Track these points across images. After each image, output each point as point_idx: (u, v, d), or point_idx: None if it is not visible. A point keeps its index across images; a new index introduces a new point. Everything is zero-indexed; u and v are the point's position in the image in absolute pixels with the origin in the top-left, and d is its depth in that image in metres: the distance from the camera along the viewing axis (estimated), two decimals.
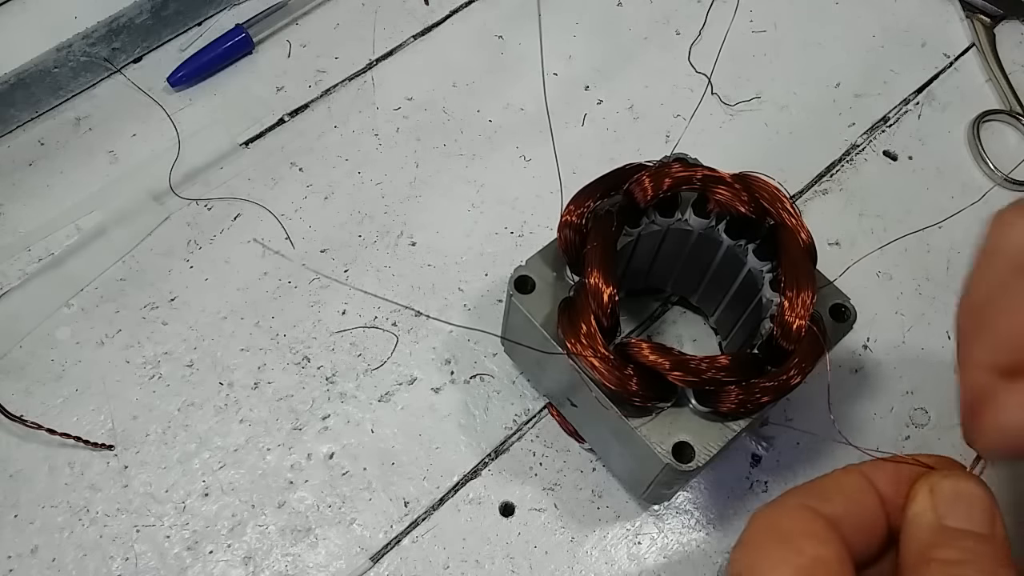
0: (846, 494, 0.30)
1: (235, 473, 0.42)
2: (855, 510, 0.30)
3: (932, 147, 0.55)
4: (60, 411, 0.43)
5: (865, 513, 0.30)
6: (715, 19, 0.58)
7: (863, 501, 0.30)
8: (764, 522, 0.30)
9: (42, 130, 0.51)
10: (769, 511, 0.30)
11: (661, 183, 0.39)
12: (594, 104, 0.55)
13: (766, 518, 0.30)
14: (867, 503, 0.30)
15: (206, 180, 0.50)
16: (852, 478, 0.31)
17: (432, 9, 0.57)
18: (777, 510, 0.30)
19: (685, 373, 0.35)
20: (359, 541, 0.41)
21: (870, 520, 0.30)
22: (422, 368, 0.45)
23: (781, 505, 0.30)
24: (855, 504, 0.30)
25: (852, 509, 0.30)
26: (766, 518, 0.30)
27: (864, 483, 0.30)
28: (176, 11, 0.53)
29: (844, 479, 0.31)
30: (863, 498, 0.30)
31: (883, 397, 0.47)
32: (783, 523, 0.29)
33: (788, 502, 0.30)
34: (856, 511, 0.30)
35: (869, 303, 0.47)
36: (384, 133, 0.52)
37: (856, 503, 0.30)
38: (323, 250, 0.48)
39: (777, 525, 0.29)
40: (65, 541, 0.40)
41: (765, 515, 0.30)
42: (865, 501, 0.30)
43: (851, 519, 0.29)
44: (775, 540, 0.29)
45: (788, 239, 0.38)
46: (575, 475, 0.43)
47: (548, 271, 0.39)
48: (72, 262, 0.47)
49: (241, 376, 0.45)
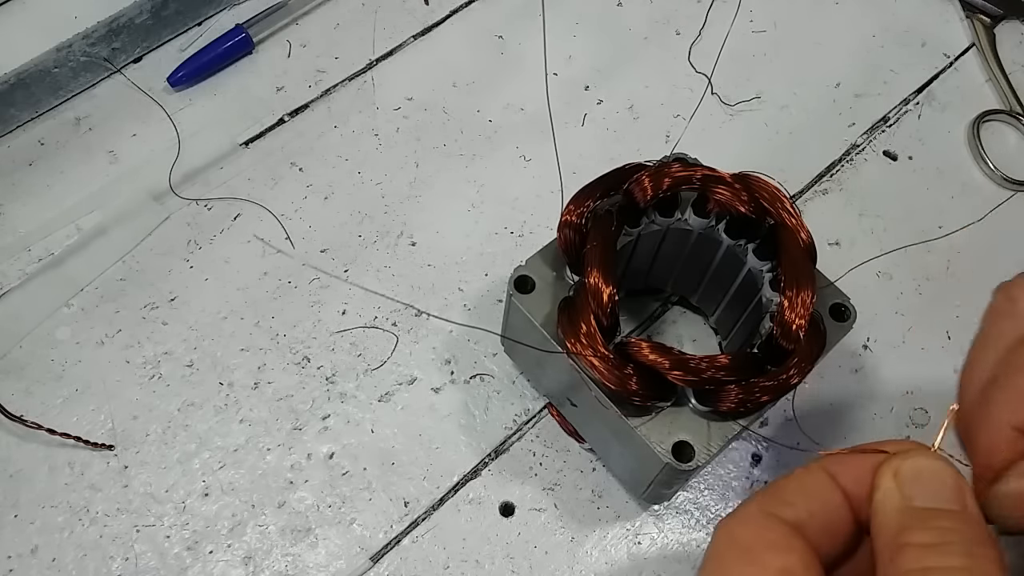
0: (809, 494, 0.29)
1: (235, 473, 0.42)
2: (820, 510, 0.29)
3: (932, 147, 0.55)
4: (60, 411, 0.43)
5: (830, 511, 0.29)
6: (715, 19, 0.58)
7: (827, 499, 0.29)
8: (725, 536, 0.29)
9: (42, 130, 0.51)
10: (730, 523, 0.29)
11: (661, 183, 0.39)
12: (594, 104, 0.55)
13: (727, 531, 0.29)
14: (831, 501, 0.29)
15: (206, 180, 0.50)
16: (814, 476, 0.30)
17: (432, 9, 0.57)
18: (737, 521, 0.29)
19: (685, 372, 0.35)
20: (359, 541, 0.41)
21: (836, 518, 0.29)
22: (422, 368, 0.45)
23: (742, 515, 0.29)
24: (819, 503, 0.29)
25: (816, 509, 0.29)
26: (727, 531, 0.29)
27: (826, 480, 0.29)
28: (176, 11, 0.53)
29: (806, 478, 0.30)
30: (827, 496, 0.29)
31: (883, 397, 0.47)
32: (744, 535, 0.28)
33: (749, 510, 0.29)
34: (821, 511, 0.29)
35: (869, 303, 0.47)
36: (384, 133, 0.52)
37: (820, 502, 0.29)
38: (323, 250, 0.48)
39: (738, 538, 0.28)
40: (65, 541, 0.40)
41: (726, 527, 0.29)
42: (829, 499, 0.29)
43: (816, 520, 0.29)
44: (737, 555, 0.28)
45: (788, 239, 0.38)
46: (575, 475, 0.43)
47: (548, 271, 0.39)
48: (72, 262, 0.47)
49: (241, 376, 0.45)
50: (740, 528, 0.29)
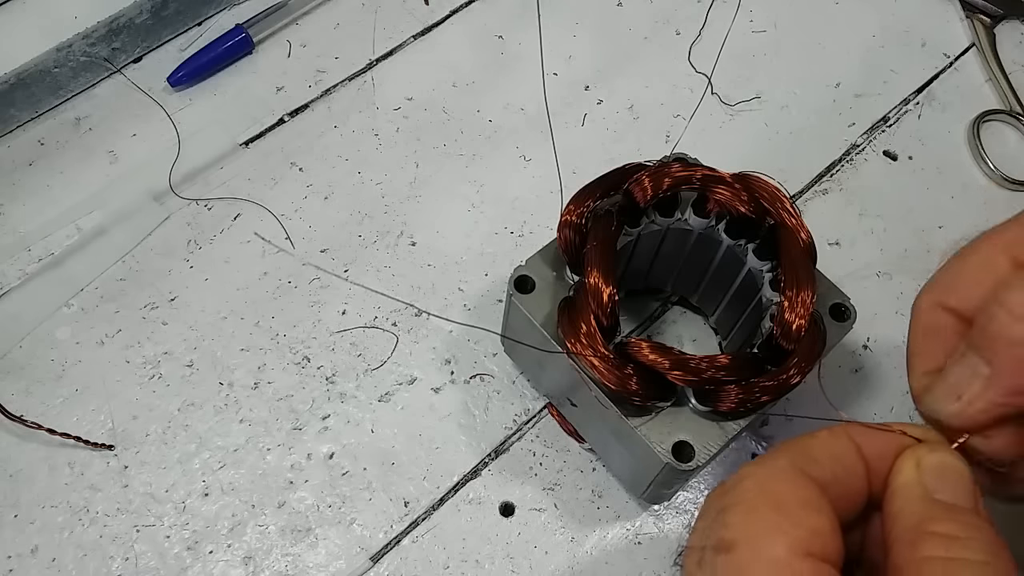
0: (835, 457, 0.29)
1: (235, 473, 0.42)
2: (843, 475, 0.29)
3: (932, 147, 0.55)
4: (60, 411, 0.43)
5: (851, 479, 0.29)
6: (715, 19, 0.58)
7: (851, 466, 0.29)
8: (755, 486, 0.28)
9: (42, 130, 0.51)
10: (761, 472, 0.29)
11: (661, 183, 0.39)
12: (594, 104, 0.55)
13: (759, 481, 0.28)
14: (854, 469, 0.29)
15: (206, 180, 0.50)
16: (841, 442, 0.29)
17: (432, 9, 0.57)
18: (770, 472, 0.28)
19: (685, 372, 0.35)
20: (359, 541, 0.41)
21: (855, 487, 0.29)
22: (422, 368, 0.45)
23: (773, 467, 0.29)
24: (843, 469, 0.29)
25: (840, 474, 0.29)
26: (759, 481, 0.28)
27: (852, 448, 0.29)
28: (176, 11, 0.53)
29: (832, 442, 0.29)
30: (851, 463, 0.29)
31: (883, 397, 0.47)
32: (778, 488, 0.28)
33: (780, 463, 0.29)
34: (843, 476, 0.29)
35: (869, 303, 0.47)
36: (384, 133, 0.52)
37: (844, 468, 0.29)
38: (323, 250, 0.48)
39: (771, 489, 0.28)
40: (65, 541, 0.40)
41: (757, 476, 0.29)
42: (852, 466, 0.29)
43: (838, 485, 0.29)
44: (770, 507, 0.27)
45: (788, 239, 0.38)
46: (575, 475, 0.43)
47: (548, 271, 0.39)
48: (72, 262, 0.47)
49: (241, 376, 0.45)
50: (773, 480, 0.28)
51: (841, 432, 0.30)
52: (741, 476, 0.29)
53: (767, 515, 0.27)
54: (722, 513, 0.28)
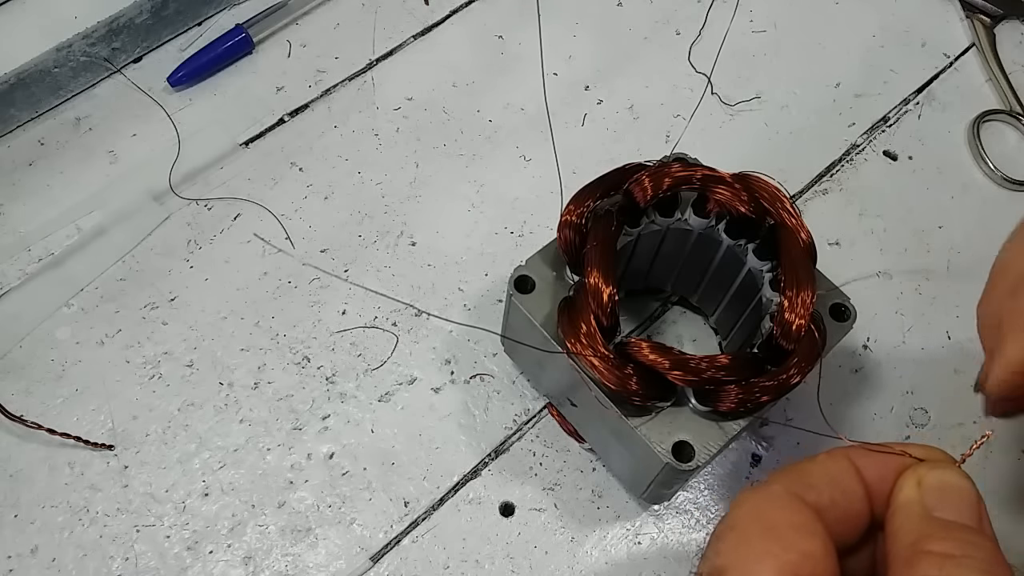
0: (833, 481, 0.29)
1: (235, 473, 0.42)
2: (841, 499, 0.29)
3: (932, 147, 0.55)
4: (60, 411, 0.43)
5: (850, 502, 0.29)
6: (715, 19, 0.58)
7: (849, 489, 0.29)
8: (750, 511, 0.29)
9: (42, 130, 0.51)
10: (755, 499, 0.29)
11: (661, 183, 0.39)
12: (594, 104, 0.55)
13: (752, 506, 0.29)
14: (853, 492, 0.29)
15: (206, 180, 0.50)
16: (839, 464, 0.30)
17: (432, 9, 0.57)
18: (764, 498, 0.29)
19: (685, 372, 0.35)
20: (359, 541, 0.41)
21: (855, 510, 0.29)
22: (422, 368, 0.45)
23: (767, 492, 0.29)
24: (841, 492, 0.29)
25: (838, 498, 0.29)
26: (752, 506, 0.29)
27: (851, 470, 0.30)
28: (176, 11, 0.53)
29: (831, 465, 0.30)
30: (849, 486, 0.29)
31: (883, 397, 0.47)
32: (770, 513, 0.28)
33: (774, 489, 0.29)
34: (842, 500, 0.29)
35: (869, 303, 0.47)
36: (384, 133, 0.52)
37: (842, 491, 0.29)
38: (323, 250, 0.48)
39: (764, 515, 0.28)
40: (65, 541, 0.40)
41: (751, 503, 0.29)
42: (851, 489, 0.29)
43: (836, 508, 0.29)
44: (761, 532, 0.28)
45: (788, 239, 0.38)
46: (575, 475, 0.43)
47: (548, 271, 0.39)
48: (72, 262, 0.47)
49: (241, 376, 0.45)
50: (766, 505, 0.29)
51: (840, 455, 0.30)
52: (738, 503, 0.29)
53: (757, 541, 0.28)
54: (717, 540, 0.29)
